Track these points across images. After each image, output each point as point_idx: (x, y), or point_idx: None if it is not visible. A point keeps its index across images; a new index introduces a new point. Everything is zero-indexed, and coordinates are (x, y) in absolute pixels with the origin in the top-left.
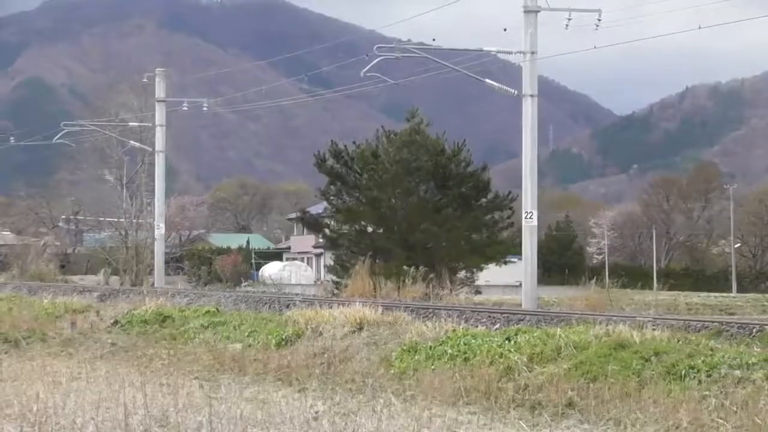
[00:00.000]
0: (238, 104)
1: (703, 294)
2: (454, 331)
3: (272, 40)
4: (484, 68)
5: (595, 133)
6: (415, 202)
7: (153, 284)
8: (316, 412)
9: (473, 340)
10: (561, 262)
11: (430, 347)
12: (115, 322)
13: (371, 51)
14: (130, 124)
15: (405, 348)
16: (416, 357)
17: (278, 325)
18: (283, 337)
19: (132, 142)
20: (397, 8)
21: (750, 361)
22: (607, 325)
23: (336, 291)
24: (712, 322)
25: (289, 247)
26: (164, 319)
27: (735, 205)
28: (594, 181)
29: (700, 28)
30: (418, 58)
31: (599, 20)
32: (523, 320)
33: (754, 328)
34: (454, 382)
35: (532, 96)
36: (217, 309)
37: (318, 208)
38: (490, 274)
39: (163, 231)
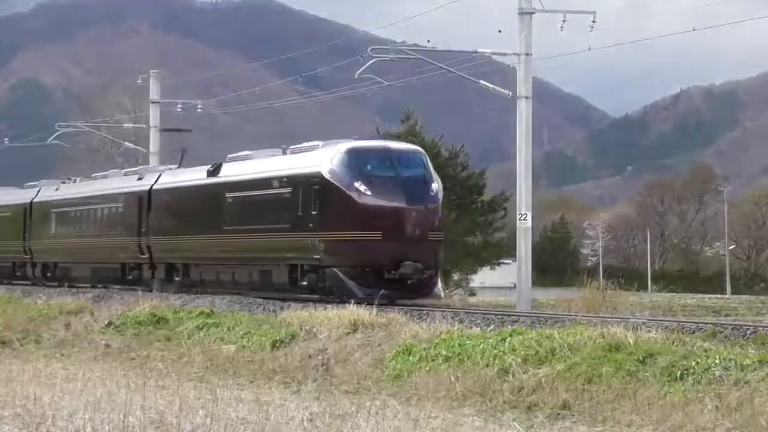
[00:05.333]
0: (233, 106)
1: (698, 296)
2: (448, 332)
3: (267, 41)
4: (478, 70)
5: (590, 135)
6: None
7: None
8: (311, 414)
9: (468, 342)
10: (555, 263)
11: (425, 349)
12: (110, 324)
13: (366, 52)
14: (125, 125)
15: (399, 349)
16: (411, 358)
17: (272, 326)
18: (278, 338)
19: (126, 143)
20: (392, 10)
21: (744, 363)
22: (601, 327)
23: None
24: (707, 323)
25: None
26: (158, 321)
27: (729, 206)
28: (588, 183)
29: (694, 30)
30: (413, 60)
31: (594, 22)
32: (517, 321)
33: (748, 329)
34: (449, 384)
35: (526, 98)
36: (211, 311)
37: None
38: (485, 276)
39: None
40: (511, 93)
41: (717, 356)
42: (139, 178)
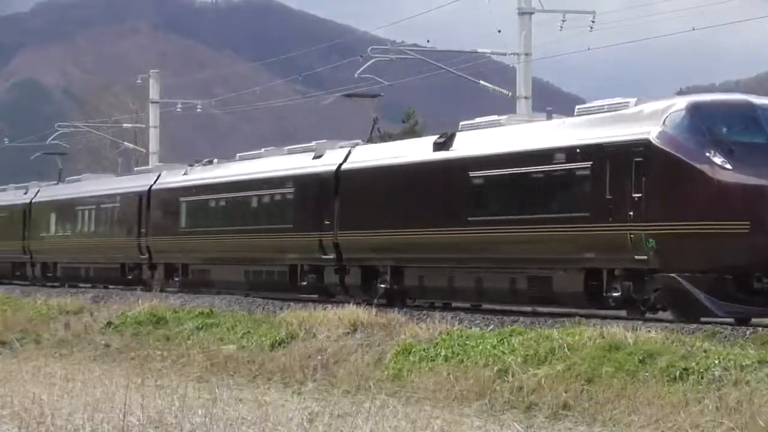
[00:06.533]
0: (233, 106)
1: None
2: (448, 332)
3: (267, 41)
4: (478, 70)
5: None
6: None
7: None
8: (310, 414)
9: (467, 342)
10: None
11: (425, 349)
12: (109, 324)
13: (366, 52)
14: (124, 125)
15: (399, 350)
16: (410, 358)
17: (272, 326)
18: (277, 338)
19: (126, 143)
20: (392, 10)
21: (744, 363)
22: (601, 327)
23: None
24: (706, 323)
25: None
26: (158, 321)
27: None
28: None
29: (694, 30)
30: (413, 60)
31: (593, 22)
32: (516, 321)
33: (747, 330)
34: (448, 384)
35: (526, 98)
36: (210, 311)
37: None
38: None
39: None
40: (510, 93)
41: (717, 356)
42: (317, 157)
